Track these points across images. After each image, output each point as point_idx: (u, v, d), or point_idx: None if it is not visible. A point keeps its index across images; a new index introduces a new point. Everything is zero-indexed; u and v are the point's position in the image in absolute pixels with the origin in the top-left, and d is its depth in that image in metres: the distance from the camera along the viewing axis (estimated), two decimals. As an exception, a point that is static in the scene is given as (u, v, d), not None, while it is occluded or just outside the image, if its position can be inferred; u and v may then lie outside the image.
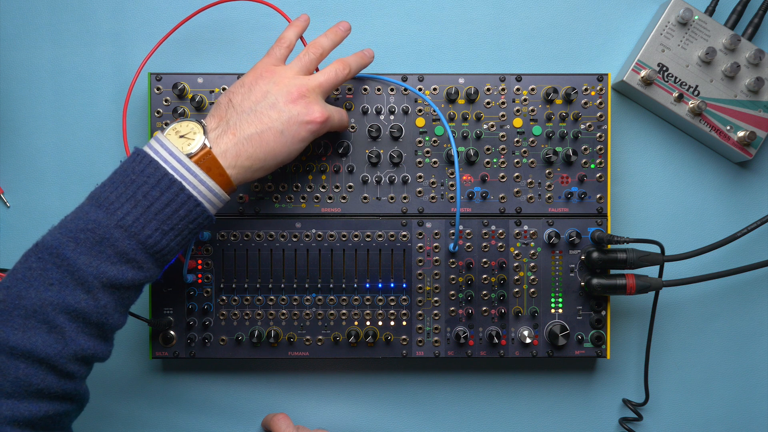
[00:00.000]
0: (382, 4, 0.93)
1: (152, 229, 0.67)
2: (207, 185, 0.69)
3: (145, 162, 0.68)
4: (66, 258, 0.64)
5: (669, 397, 0.94)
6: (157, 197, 0.67)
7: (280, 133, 0.73)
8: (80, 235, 0.65)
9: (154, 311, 0.87)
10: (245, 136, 0.72)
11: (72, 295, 0.64)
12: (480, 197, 0.88)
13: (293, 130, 0.74)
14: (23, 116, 0.92)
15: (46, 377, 0.63)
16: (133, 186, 0.67)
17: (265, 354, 0.88)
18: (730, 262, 0.93)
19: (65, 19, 0.92)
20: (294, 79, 0.76)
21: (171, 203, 0.67)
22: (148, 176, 0.67)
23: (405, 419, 0.93)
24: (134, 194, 0.67)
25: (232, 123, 0.73)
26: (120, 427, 0.92)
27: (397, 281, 0.88)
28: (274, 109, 0.74)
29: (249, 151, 0.72)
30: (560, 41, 0.93)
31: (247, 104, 0.74)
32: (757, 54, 0.88)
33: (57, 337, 0.64)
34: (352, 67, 0.81)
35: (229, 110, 0.74)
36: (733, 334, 0.94)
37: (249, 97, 0.74)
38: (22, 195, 0.92)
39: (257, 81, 0.75)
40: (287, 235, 0.88)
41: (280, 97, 0.74)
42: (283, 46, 0.80)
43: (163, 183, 0.67)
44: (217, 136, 0.72)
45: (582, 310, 0.88)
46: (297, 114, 0.74)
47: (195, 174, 0.69)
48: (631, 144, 0.93)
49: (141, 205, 0.67)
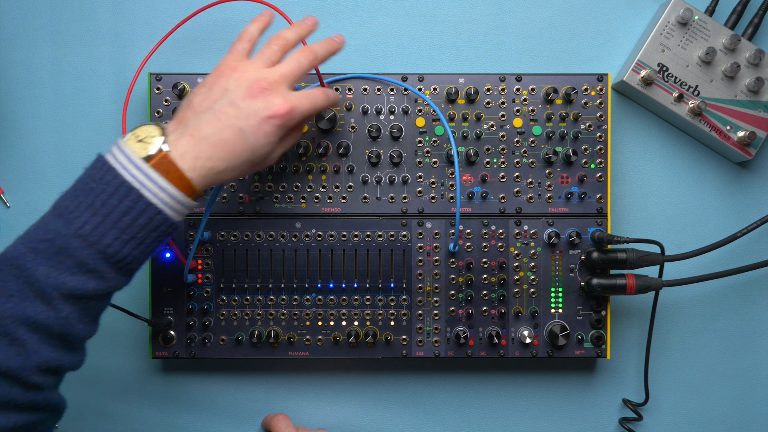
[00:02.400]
0: (382, 4, 0.93)
1: (111, 238, 0.64)
2: (168, 192, 0.66)
3: (105, 169, 0.66)
4: (25, 269, 0.63)
5: (669, 397, 0.94)
6: (116, 205, 0.65)
7: (240, 130, 0.70)
8: (39, 245, 0.64)
9: (154, 311, 0.87)
10: (203, 136, 0.69)
11: (31, 306, 0.62)
12: (480, 197, 0.88)
13: (254, 126, 0.70)
14: (23, 116, 0.92)
15: (11, 390, 0.62)
16: (93, 194, 0.65)
17: (265, 354, 0.88)
18: (730, 262, 0.93)
19: (65, 19, 0.92)
20: (255, 73, 0.72)
21: (130, 211, 0.65)
22: (106, 184, 0.65)
23: (405, 419, 0.93)
24: (93, 203, 0.65)
25: (191, 124, 0.69)
26: (120, 427, 0.92)
27: (397, 281, 0.88)
28: (233, 107, 0.70)
29: (209, 152, 0.68)
30: (560, 41, 0.93)
31: (206, 104, 0.71)
32: (757, 54, 0.88)
33: (19, 349, 0.62)
34: (318, 54, 0.77)
35: (188, 112, 0.71)
36: (733, 334, 0.94)
37: (208, 96, 0.71)
38: (22, 195, 0.92)
39: (217, 79, 0.72)
40: (287, 235, 0.88)
41: (239, 93, 0.71)
42: (244, 40, 0.76)
43: (121, 191, 0.65)
44: (176, 139, 0.68)
45: (582, 310, 0.88)
46: (256, 110, 0.70)
47: (154, 180, 0.66)
48: (631, 144, 0.93)
49: (99, 213, 0.64)
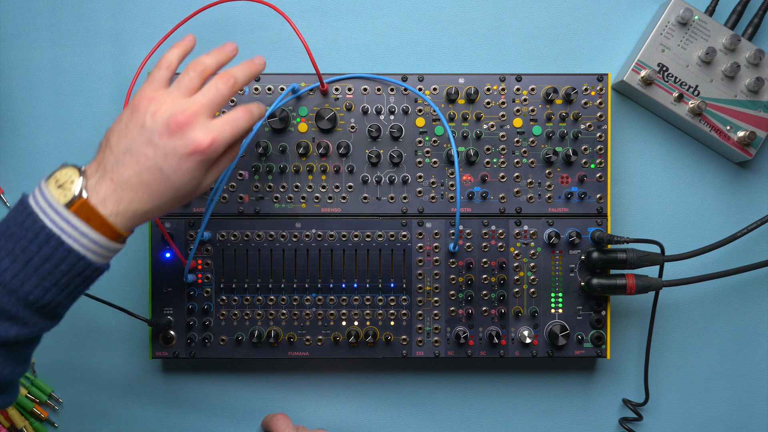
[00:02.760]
0: (382, 4, 0.93)
1: (32, 286, 0.62)
2: (89, 237, 0.63)
3: (25, 214, 0.63)
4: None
5: (669, 397, 0.94)
6: (36, 252, 0.62)
7: (160, 170, 0.65)
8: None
9: (154, 311, 0.87)
10: (123, 179, 0.65)
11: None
12: (480, 197, 0.88)
13: (174, 165, 0.66)
14: (23, 116, 0.92)
15: None
16: (13, 240, 0.62)
17: (265, 354, 0.88)
18: (730, 262, 0.93)
19: (65, 19, 0.92)
20: (172, 106, 0.67)
21: (50, 258, 0.62)
22: (26, 229, 0.62)
23: (405, 419, 0.93)
24: (13, 249, 0.62)
25: (110, 167, 0.65)
26: (120, 427, 0.92)
27: (397, 281, 0.88)
28: (150, 146, 0.65)
29: (130, 195, 0.65)
30: (560, 41, 0.93)
31: (124, 143, 0.66)
32: (757, 54, 0.88)
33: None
34: (239, 79, 0.71)
35: (106, 152, 0.67)
36: (733, 334, 0.94)
37: (125, 134, 0.67)
38: (22, 195, 0.92)
39: (133, 114, 0.67)
40: (287, 235, 0.88)
41: (155, 130, 0.66)
42: (162, 67, 0.71)
43: (41, 237, 0.62)
44: (95, 183, 0.65)
45: (582, 310, 0.88)
46: (174, 148, 0.65)
47: (74, 226, 0.63)
48: (631, 144, 0.93)
49: (20, 260, 0.62)
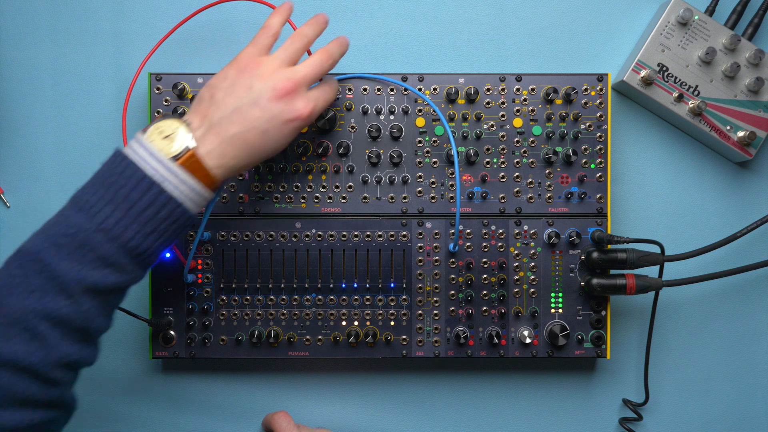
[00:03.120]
0: (382, 4, 0.93)
1: (133, 232, 0.65)
2: (188, 185, 0.68)
3: (124, 164, 0.66)
4: (47, 264, 0.63)
5: (669, 397, 0.94)
6: (138, 199, 0.65)
7: (264, 132, 0.71)
8: (61, 240, 0.64)
9: (154, 311, 0.87)
10: (229, 136, 0.70)
11: (54, 301, 0.63)
12: (480, 197, 0.88)
13: (277, 128, 0.72)
14: (23, 116, 0.92)
15: (30, 385, 0.62)
16: (113, 188, 0.65)
17: (265, 354, 0.88)
18: (730, 262, 0.93)
19: (65, 19, 0.92)
20: (279, 72, 0.73)
21: (152, 205, 0.66)
22: (127, 178, 0.66)
23: (405, 419, 0.93)
24: (114, 197, 0.65)
25: (216, 122, 0.70)
26: (120, 427, 0.92)
27: (397, 281, 0.88)
28: (257, 107, 0.71)
29: (233, 152, 0.70)
30: (560, 41, 0.93)
31: (230, 101, 0.71)
32: (757, 54, 0.88)
33: (39, 344, 0.62)
34: (335, 57, 0.78)
35: (212, 107, 0.71)
36: (733, 334, 0.94)
37: (232, 92, 0.72)
38: (22, 195, 0.92)
39: (240, 75, 0.73)
40: (287, 235, 0.88)
41: (263, 94, 0.71)
42: (269, 34, 0.76)
43: (143, 184, 0.66)
44: (201, 136, 0.70)
45: (582, 310, 0.88)
46: (280, 112, 0.72)
47: (176, 174, 0.67)
48: (631, 144, 0.93)
49: (121, 207, 0.65)
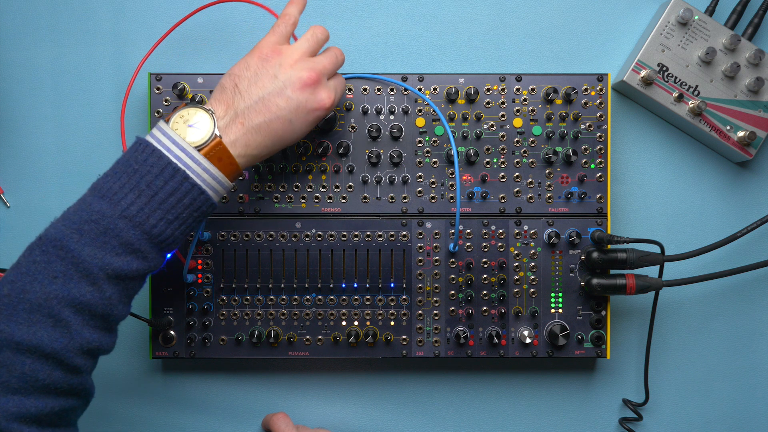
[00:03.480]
0: (382, 4, 0.93)
1: (157, 219, 0.66)
2: (211, 173, 0.69)
3: (148, 151, 0.67)
4: (70, 250, 0.64)
5: (669, 397, 0.94)
6: (161, 186, 0.66)
7: (289, 122, 0.73)
8: (84, 226, 0.64)
9: (154, 311, 0.87)
10: (254, 125, 0.72)
11: (77, 287, 0.63)
12: (480, 197, 0.88)
13: (301, 117, 0.74)
14: (23, 116, 0.92)
15: (52, 372, 0.63)
16: (137, 176, 0.66)
17: (265, 354, 0.88)
18: (730, 262, 0.93)
19: (65, 19, 0.92)
20: (303, 62, 0.74)
21: (175, 192, 0.67)
22: (151, 165, 0.67)
23: (405, 419, 0.93)
24: (138, 184, 0.66)
25: (240, 111, 0.71)
26: (120, 427, 0.92)
27: (397, 281, 0.88)
28: (282, 97, 0.72)
29: (258, 140, 0.72)
30: (560, 41, 0.93)
31: (255, 90, 0.72)
32: (757, 54, 0.88)
33: (62, 330, 0.63)
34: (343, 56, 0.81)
35: (236, 97, 0.72)
36: (733, 334, 0.94)
37: (256, 82, 0.73)
38: (22, 195, 0.92)
39: (264, 63, 0.73)
40: (287, 235, 0.88)
41: (288, 83, 0.73)
42: (288, 23, 0.77)
43: (166, 172, 0.67)
44: (226, 125, 0.71)
45: (582, 310, 0.88)
46: (305, 101, 0.73)
47: (199, 162, 0.68)
48: (631, 144, 0.93)
49: (145, 194, 0.66)
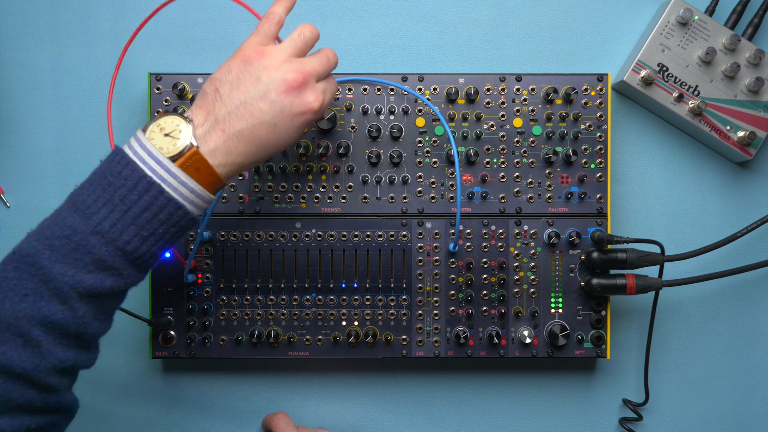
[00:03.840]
0: (382, 4, 0.93)
1: (130, 235, 0.62)
2: (188, 186, 0.64)
3: (123, 163, 0.63)
4: (41, 267, 0.60)
5: (669, 397, 0.94)
6: (135, 200, 0.62)
7: (273, 126, 0.67)
8: (56, 242, 0.61)
9: (154, 311, 0.87)
10: (235, 132, 0.66)
11: (47, 306, 0.60)
12: (480, 197, 0.88)
13: (287, 122, 0.68)
14: (23, 116, 0.92)
15: (25, 392, 0.60)
16: (110, 189, 0.62)
17: (265, 354, 0.88)
18: (730, 262, 0.93)
19: (65, 19, 0.92)
20: (289, 63, 0.69)
21: (150, 206, 0.63)
22: (125, 178, 0.63)
23: (405, 419, 0.93)
24: (111, 198, 0.62)
25: (221, 117, 0.66)
26: (120, 427, 0.92)
27: (397, 281, 0.88)
28: (265, 100, 0.67)
29: (240, 148, 0.66)
30: (560, 41, 0.93)
31: (236, 95, 0.67)
32: (757, 54, 0.88)
33: (33, 350, 0.60)
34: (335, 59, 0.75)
35: (217, 102, 0.67)
36: (733, 334, 0.94)
37: (238, 86, 0.67)
38: (22, 195, 0.92)
39: (246, 66, 0.68)
40: (287, 235, 0.88)
41: (272, 86, 0.67)
42: (272, 22, 0.72)
43: (141, 185, 0.62)
44: (205, 133, 0.66)
45: (582, 310, 0.88)
46: (290, 105, 0.68)
47: (175, 175, 0.63)
48: (631, 144, 0.93)
49: (118, 209, 0.62)
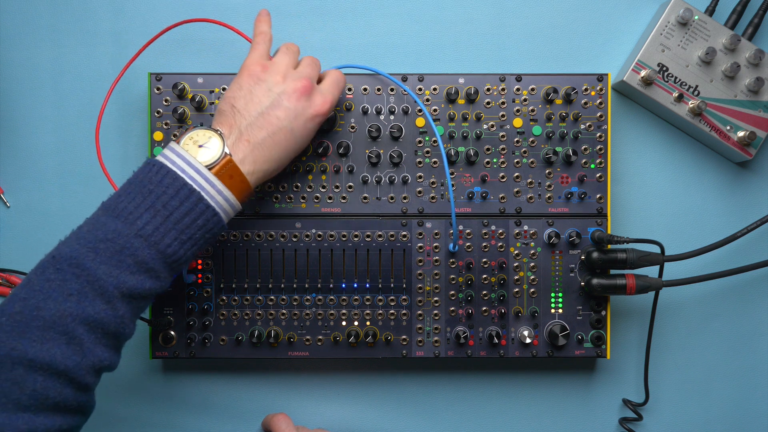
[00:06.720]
0: (382, 4, 0.93)
1: (171, 239, 0.67)
2: (223, 194, 0.70)
3: (162, 172, 0.68)
4: (86, 268, 0.64)
5: (669, 397, 0.94)
6: (177, 206, 0.67)
7: (291, 131, 0.75)
8: (100, 245, 0.65)
9: (154, 311, 0.87)
10: (258, 141, 0.73)
11: (92, 305, 0.64)
12: (480, 197, 0.88)
13: (302, 125, 0.76)
14: (23, 116, 0.92)
15: (63, 390, 0.63)
16: (152, 196, 0.67)
17: (265, 354, 0.88)
18: (730, 262, 0.93)
19: (65, 19, 0.92)
20: (291, 74, 0.77)
21: (190, 212, 0.68)
22: (167, 186, 0.68)
23: (405, 419, 0.93)
24: (153, 204, 0.67)
25: (244, 129, 0.73)
26: (120, 428, 0.92)
27: (397, 281, 0.88)
28: (280, 108, 0.74)
29: (265, 155, 0.73)
30: (560, 41, 0.93)
31: (253, 107, 0.74)
32: (757, 54, 0.88)
33: (75, 348, 0.63)
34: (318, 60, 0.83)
35: (237, 116, 0.74)
36: (733, 334, 0.94)
37: (252, 99, 0.74)
38: (22, 195, 0.92)
39: (255, 81, 0.75)
40: (287, 235, 0.88)
41: (283, 95, 0.75)
42: (266, 39, 0.80)
43: (182, 192, 0.68)
44: (233, 143, 0.72)
45: (582, 310, 0.88)
46: (303, 109, 0.75)
47: (213, 184, 0.69)
48: (631, 144, 0.93)
49: (160, 215, 0.67)
